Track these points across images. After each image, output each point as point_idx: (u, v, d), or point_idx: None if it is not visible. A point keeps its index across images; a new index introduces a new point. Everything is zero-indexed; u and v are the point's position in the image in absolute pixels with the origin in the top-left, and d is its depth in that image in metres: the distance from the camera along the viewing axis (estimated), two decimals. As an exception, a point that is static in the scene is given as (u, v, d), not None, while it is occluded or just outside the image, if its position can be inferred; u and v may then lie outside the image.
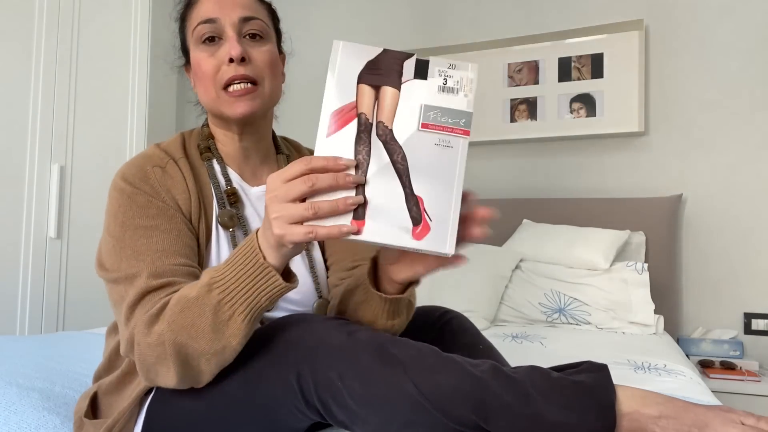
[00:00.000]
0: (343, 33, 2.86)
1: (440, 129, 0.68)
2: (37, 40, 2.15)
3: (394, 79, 0.69)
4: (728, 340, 2.12)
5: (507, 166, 2.56)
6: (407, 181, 0.67)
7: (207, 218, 0.89)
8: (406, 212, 0.66)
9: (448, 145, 0.68)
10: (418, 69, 0.69)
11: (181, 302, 0.71)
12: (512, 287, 2.11)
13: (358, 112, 0.67)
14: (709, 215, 2.26)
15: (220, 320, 0.69)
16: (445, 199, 0.67)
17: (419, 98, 0.68)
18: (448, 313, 1.00)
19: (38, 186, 2.15)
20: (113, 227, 0.81)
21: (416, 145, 0.67)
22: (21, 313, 2.09)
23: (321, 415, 0.73)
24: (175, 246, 0.81)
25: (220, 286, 0.69)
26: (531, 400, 0.70)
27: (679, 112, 2.32)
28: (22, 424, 0.87)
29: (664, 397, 0.73)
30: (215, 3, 0.88)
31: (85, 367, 1.19)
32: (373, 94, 0.68)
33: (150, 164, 0.87)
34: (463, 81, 0.69)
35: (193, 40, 0.90)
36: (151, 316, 0.73)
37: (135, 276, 0.77)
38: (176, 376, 0.72)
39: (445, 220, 0.67)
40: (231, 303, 0.68)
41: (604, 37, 2.39)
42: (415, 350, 0.73)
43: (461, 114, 0.68)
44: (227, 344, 0.70)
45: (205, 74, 0.88)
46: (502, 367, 0.74)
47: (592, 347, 1.62)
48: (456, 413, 0.69)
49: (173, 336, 0.70)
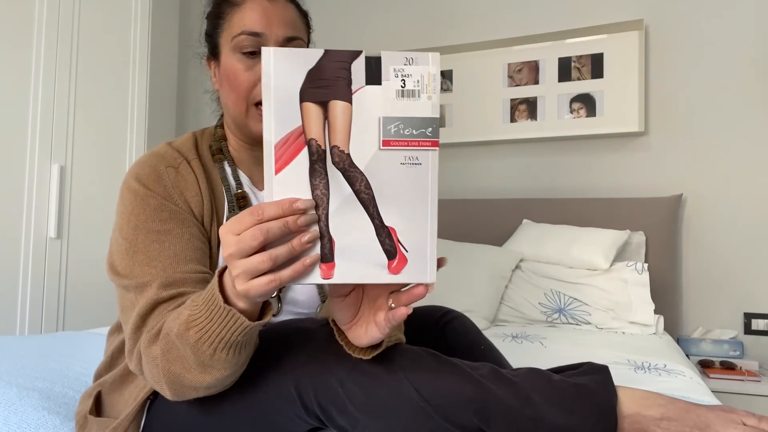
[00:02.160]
0: (337, 35, 2.86)
1: (405, 144, 0.59)
2: (37, 40, 2.15)
3: (342, 90, 0.58)
4: (728, 340, 2.12)
5: (507, 166, 2.56)
6: (375, 211, 0.59)
7: (219, 220, 0.88)
8: (378, 246, 0.59)
9: (416, 162, 0.59)
10: (369, 71, 0.59)
11: (167, 338, 0.69)
12: (512, 287, 2.11)
13: (306, 138, 0.58)
14: (709, 215, 2.26)
15: (203, 357, 0.65)
16: (419, 226, 0.60)
17: (375, 109, 0.59)
18: (449, 313, 1.00)
19: (38, 186, 2.15)
20: (126, 230, 0.81)
21: (379, 167, 0.59)
22: (21, 313, 2.09)
23: (321, 421, 0.73)
24: (187, 251, 0.80)
25: (197, 325, 0.64)
26: (532, 403, 0.70)
27: (679, 112, 2.32)
28: (21, 423, 0.87)
29: (665, 399, 0.73)
30: (263, 15, 0.86)
31: (85, 367, 1.19)
32: (320, 112, 0.58)
33: (163, 164, 0.86)
34: (424, 79, 0.59)
35: (232, 46, 0.87)
36: (151, 336, 0.72)
37: (146, 285, 0.76)
38: (172, 396, 0.71)
39: (423, 248, 0.60)
40: (209, 341, 0.64)
41: (604, 37, 2.39)
42: (415, 355, 0.73)
43: (426, 122, 0.59)
44: (219, 375, 0.67)
45: (239, 86, 0.86)
46: (501, 370, 0.74)
47: (592, 347, 1.62)
48: (457, 417, 0.68)
49: (167, 365, 0.69)
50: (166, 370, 0.69)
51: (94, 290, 2.32)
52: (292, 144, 0.58)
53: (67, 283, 2.23)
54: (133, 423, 0.81)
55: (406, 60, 0.59)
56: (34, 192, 2.13)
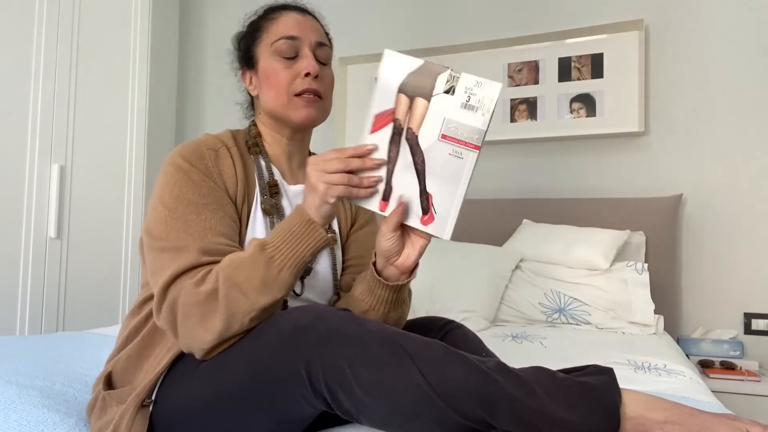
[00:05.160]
0: (342, 33, 2.86)
1: (456, 141, 0.81)
2: (37, 40, 2.15)
3: (426, 92, 0.82)
4: (728, 340, 2.12)
5: (507, 166, 2.56)
6: (423, 179, 0.83)
7: (249, 204, 0.97)
8: (419, 203, 0.83)
9: (460, 156, 0.81)
10: (449, 84, 0.81)
11: (235, 261, 0.80)
12: (512, 287, 2.11)
13: (394, 117, 0.82)
14: (709, 215, 2.26)
15: (270, 274, 0.79)
16: (449, 199, 0.82)
17: (444, 112, 0.81)
18: (451, 323, 1.02)
19: (38, 186, 2.15)
20: (167, 198, 0.88)
21: (435, 152, 0.82)
22: (21, 313, 2.09)
23: (327, 404, 0.74)
24: (221, 225, 0.88)
25: (271, 246, 0.81)
26: (536, 396, 0.70)
27: (679, 112, 2.32)
28: (21, 421, 0.87)
29: (670, 403, 0.74)
30: (297, 23, 1.01)
31: (85, 366, 1.19)
32: (408, 103, 0.82)
33: (205, 147, 0.95)
34: (483, 100, 0.80)
35: (271, 51, 1.00)
36: (198, 279, 0.80)
37: (184, 248, 0.84)
38: (222, 325, 0.78)
39: (447, 214, 0.83)
40: (281, 258, 0.80)
41: (604, 37, 2.39)
42: (424, 343, 0.75)
43: (475, 131, 0.81)
44: (274, 297, 0.79)
45: (280, 83, 0.99)
46: (507, 365, 0.75)
47: (592, 347, 1.62)
48: (463, 406, 0.69)
49: (225, 291, 0.78)
50: (224, 295, 0.78)
51: (94, 290, 2.32)
52: (385, 118, 0.83)
53: (67, 283, 2.23)
54: (153, 390, 0.84)
55: (476, 83, 0.80)
56: (34, 192, 2.13)
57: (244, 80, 1.07)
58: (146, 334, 0.91)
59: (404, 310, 0.97)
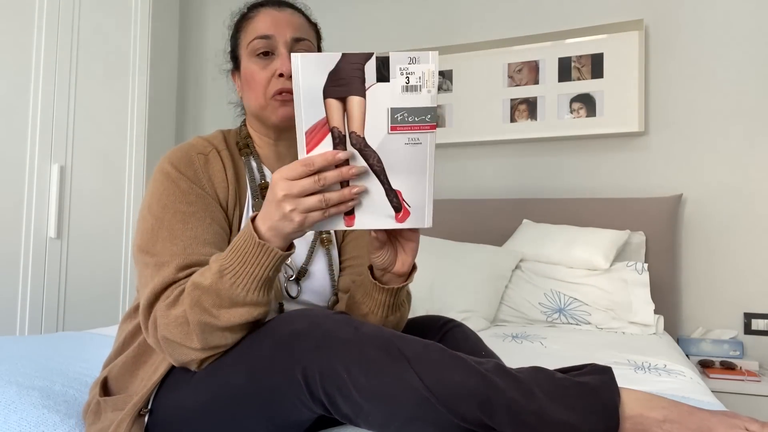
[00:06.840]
0: (342, 35, 2.86)
1: (408, 129, 0.73)
2: (37, 41, 2.15)
3: (357, 87, 0.72)
4: (728, 340, 2.12)
5: (507, 166, 2.56)
6: (385, 178, 0.75)
7: (240, 207, 0.96)
8: (388, 203, 0.76)
9: (417, 142, 0.74)
10: (379, 70, 0.72)
11: (198, 289, 0.77)
12: (512, 287, 2.11)
13: (330, 126, 0.73)
14: (709, 215, 2.26)
15: (237, 298, 0.76)
16: (420, 189, 0.76)
17: (385, 102, 0.72)
18: (451, 322, 1.02)
19: (38, 186, 2.15)
20: (155, 208, 0.88)
21: (388, 146, 0.74)
22: (21, 313, 2.09)
23: (326, 408, 0.74)
24: (207, 234, 0.87)
25: (230, 272, 0.76)
26: (535, 398, 0.70)
27: (679, 112, 2.32)
28: (21, 422, 0.87)
29: (669, 402, 0.73)
30: (272, 21, 0.98)
31: (85, 366, 1.19)
32: (340, 106, 0.72)
33: (195, 151, 0.94)
34: (425, 75, 0.72)
35: (248, 52, 0.98)
36: (170, 302, 0.79)
37: (165, 264, 0.82)
38: (201, 344, 0.77)
39: (422, 204, 0.77)
40: (242, 283, 0.75)
41: (604, 37, 2.39)
42: (421, 346, 0.74)
43: (426, 110, 0.73)
44: (250, 314, 0.77)
45: (257, 84, 0.97)
46: (506, 366, 0.75)
47: (592, 347, 1.62)
48: (461, 409, 0.69)
49: (196, 317, 0.76)
50: (195, 321, 0.76)
51: (94, 290, 2.32)
52: (318, 131, 0.73)
53: (67, 283, 2.23)
54: (149, 399, 0.84)
55: (409, 59, 0.71)
56: (34, 192, 2.13)
57: (234, 81, 1.06)
58: (142, 341, 0.91)
59: (403, 312, 0.96)
